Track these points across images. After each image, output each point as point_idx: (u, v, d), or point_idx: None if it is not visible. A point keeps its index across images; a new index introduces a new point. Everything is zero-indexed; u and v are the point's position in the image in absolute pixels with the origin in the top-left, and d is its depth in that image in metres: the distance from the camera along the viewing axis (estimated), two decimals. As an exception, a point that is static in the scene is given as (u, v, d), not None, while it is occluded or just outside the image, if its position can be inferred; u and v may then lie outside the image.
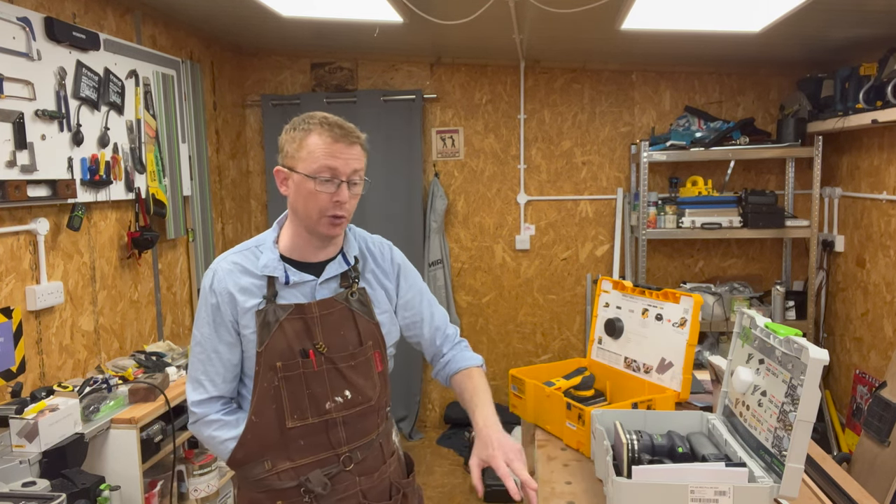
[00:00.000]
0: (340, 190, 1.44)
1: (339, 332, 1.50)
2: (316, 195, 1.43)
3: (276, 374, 1.46)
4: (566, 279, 4.33)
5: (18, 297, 2.35)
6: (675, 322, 1.96)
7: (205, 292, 1.52)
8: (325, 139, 1.43)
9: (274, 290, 1.49)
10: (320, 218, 1.45)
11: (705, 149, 3.75)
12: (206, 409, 1.53)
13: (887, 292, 3.29)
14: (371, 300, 1.57)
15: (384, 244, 1.68)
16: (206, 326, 1.52)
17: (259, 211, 4.44)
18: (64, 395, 2.21)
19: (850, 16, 2.88)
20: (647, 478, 1.37)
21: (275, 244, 1.54)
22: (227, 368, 1.52)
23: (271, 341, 1.46)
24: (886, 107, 2.99)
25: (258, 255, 1.52)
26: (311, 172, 1.42)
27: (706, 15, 2.87)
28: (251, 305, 1.48)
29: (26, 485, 1.88)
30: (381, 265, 1.63)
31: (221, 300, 1.49)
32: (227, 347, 1.51)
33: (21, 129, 2.29)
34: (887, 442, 2.60)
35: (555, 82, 4.20)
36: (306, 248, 1.53)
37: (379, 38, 3.53)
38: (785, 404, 1.34)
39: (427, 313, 1.68)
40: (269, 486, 1.50)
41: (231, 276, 1.50)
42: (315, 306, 1.49)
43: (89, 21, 2.73)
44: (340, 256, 1.56)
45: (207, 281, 1.52)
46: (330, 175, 1.43)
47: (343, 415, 1.51)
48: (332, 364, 1.49)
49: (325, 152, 1.42)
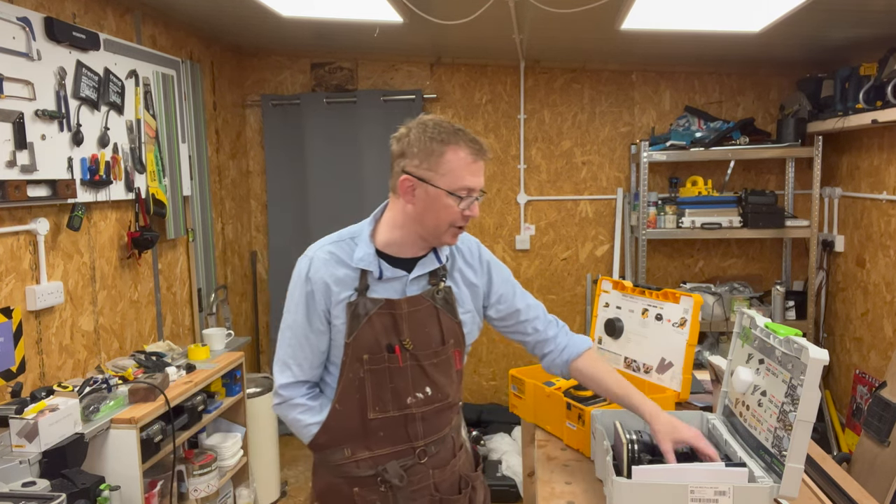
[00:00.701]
0: (474, 206, 1.49)
1: (424, 329, 1.53)
2: (451, 209, 1.47)
3: (361, 366, 1.50)
4: (566, 279, 4.33)
5: (18, 297, 2.35)
6: (675, 322, 1.96)
7: (300, 279, 1.54)
8: (466, 156, 1.46)
9: (366, 283, 1.51)
10: (449, 229, 1.49)
11: (705, 149, 3.75)
12: (292, 392, 1.56)
13: (887, 292, 3.29)
14: (455, 299, 1.59)
15: (472, 242, 1.69)
16: (299, 312, 1.54)
17: (259, 211, 4.44)
18: (64, 395, 2.21)
19: (850, 16, 2.88)
20: (647, 478, 1.37)
21: (370, 238, 1.55)
22: (315, 355, 1.55)
23: (360, 333, 1.49)
24: (886, 107, 2.99)
25: (353, 247, 1.54)
26: (454, 189, 1.45)
27: (706, 15, 2.87)
28: (344, 297, 1.51)
29: (26, 485, 1.87)
30: (470, 263, 1.64)
31: (316, 289, 1.52)
32: (317, 335, 1.53)
33: (21, 129, 2.29)
34: (887, 442, 2.60)
35: (555, 82, 4.20)
36: (409, 247, 1.55)
37: (379, 38, 3.53)
38: (785, 404, 1.34)
39: (522, 304, 1.69)
40: (348, 472, 1.54)
41: (327, 267, 1.52)
42: (404, 303, 1.52)
43: (89, 21, 2.72)
44: (432, 254, 1.58)
45: (304, 268, 1.54)
46: (468, 193, 1.47)
47: (422, 410, 1.54)
48: (416, 360, 1.52)
49: (468, 170, 1.46)
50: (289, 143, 4.25)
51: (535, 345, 1.72)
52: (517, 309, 1.68)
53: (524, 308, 1.69)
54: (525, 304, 1.70)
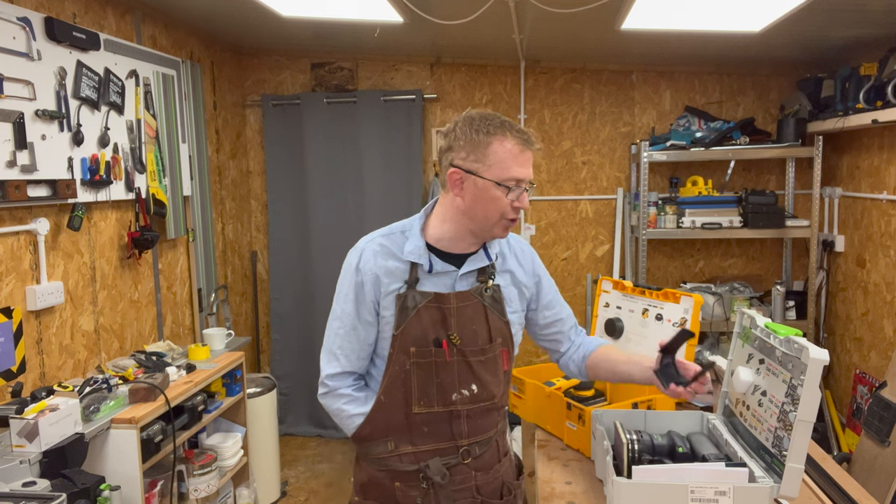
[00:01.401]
0: (523, 196, 1.48)
1: (472, 325, 1.52)
2: (499, 200, 1.46)
3: (408, 359, 1.50)
4: (566, 279, 4.33)
5: (18, 297, 2.35)
6: (676, 322, 1.96)
7: (349, 269, 1.55)
8: (514, 147, 1.45)
9: (416, 276, 1.51)
10: (499, 221, 1.49)
11: (705, 149, 3.75)
12: (338, 382, 1.57)
13: (887, 292, 3.29)
14: (504, 297, 1.58)
15: (523, 243, 1.70)
16: (348, 303, 1.55)
17: (259, 211, 4.44)
18: (64, 395, 2.21)
19: (850, 16, 2.88)
20: (648, 478, 1.37)
21: (422, 232, 1.56)
22: (363, 346, 1.55)
23: (407, 326, 1.49)
24: (886, 107, 2.98)
25: (403, 240, 1.55)
26: (502, 180, 1.44)
27: (706, 15, 2.87)
28: (394, 289, 1.51)
29: (26, 485, 1.87)
30: (522, 264, 1.65)
31: (367, 280, 1.52)
32: (365, 326, 1.54)
33: (21, 129, 2.29)
34: (887, 442, 2.60)
35: (555, 82, 4.20)
36: (459, 241, 1.55)
37: (379, 38, 3.53)
38: (785, 404, 1.34)
39: (565, 312, 1.72)
40: (390, 466, 1.54)
41: (378, 258, 1.53)
42: (453, 297, 1.51)
43: (89, 21, 2.73)
44: (482, 251, 1.57)
45: (354, 259, 1.55)
46: (516, 183, 1.46)
47: (468, 408, 1.53)
48: (463, 357, 1.52)
49: (515, 161, 1.45)
50: (289, 143, 4.25)
51: (566, 349, 1.74)
52: (561, 318, 1.71)
53: (566, 317, 1.72)
54: (567, 312, 1.73)
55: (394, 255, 1.53)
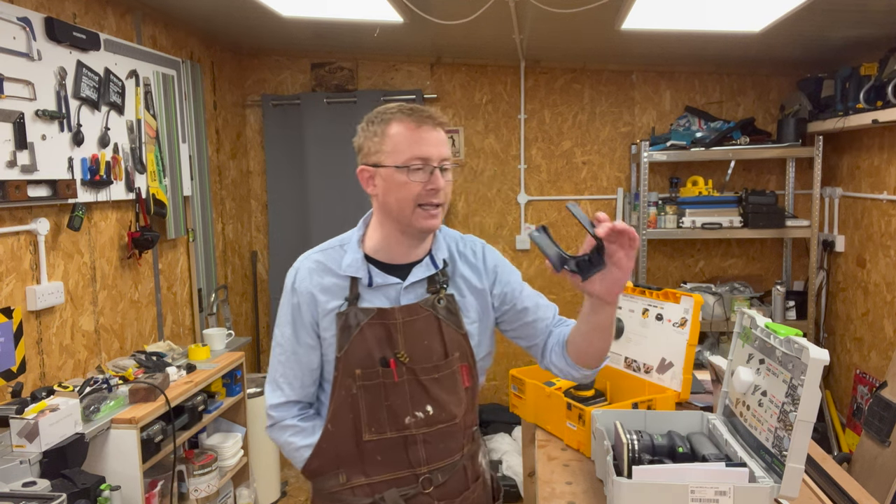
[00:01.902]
0: (434, 176, 1.36)
1: (423, 341, 1.41)
2: (408, 186, 1.35)
3: (354, 382, 1.39)
4: (567, 279, 4.32)
5: (19, 297, 2.35)
6: (676, 322, 1.96)
7: (287, 291, 1.47)
8: (407, 126, 1.36)
9: (356, 292, 1.41)
10: (415, 209, 1.36)
11: (706, 149, 3.75)
12: (283, 413, 1.47)
13: (888, 292, 3.29)
14: (460, 308, 1.46)
15: (476, 243, 1.56)
16: (286, 327, 1.46)
17: (259, 211, 4.44)
18: (64, 395, 2.21)
19: (850, 16, 2.88)
20: (648, 478, 1.37)
21: (360, 243, 1.46)
22: (306, 372, 1.46)
23: (351, 347, 1.39)
24: (887, 107, 2.98)
25: (341, 254, 1.45)
26: (402, 163, 1.35)
27: (706, 15, 2.87)
28: (332, 307, 1.42)
29: (26, 485, 1.87)
30: (475, 266, 1.51)
31: (302, 300, 1.43)
32: (307, 350, 1.45)
33: (21, 129, 2.29)
34: (888, 442, 2.60)
35: (555, 82, 4.20)
36: (395, 248, 1.44)
37: (379, 38, 3.53)
38: (785, 404, 1.34)
39: (531, 303, 1.53)
40: (343, 500, 1.44)
41: (313, 276, 1.44)
42: (398, 312, 1.41)
43: (89, 21, 2.73)
44: (428, 259, 1.46)
45: (290, 279, 1.47)
46: (421, 163, 1.35)
47: (424, 432, 1.42)
48: (414, 375, 1.40)
49: (412, 140, 1.35)
50: (289, 143, 4.25)
51: (543, 343, 1.54)
52: (525, 307, 1.51)
53: (532, 307, 1.52)
54: (534, 303, 1.53)
55: (331, 270, 1.44)
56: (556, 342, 1.50)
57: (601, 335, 1.42)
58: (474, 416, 1.53)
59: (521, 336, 1.55)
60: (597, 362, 1.47)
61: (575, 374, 1.49)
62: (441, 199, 1.38)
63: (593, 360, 1.46)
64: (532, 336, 1.53)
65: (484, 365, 1.53)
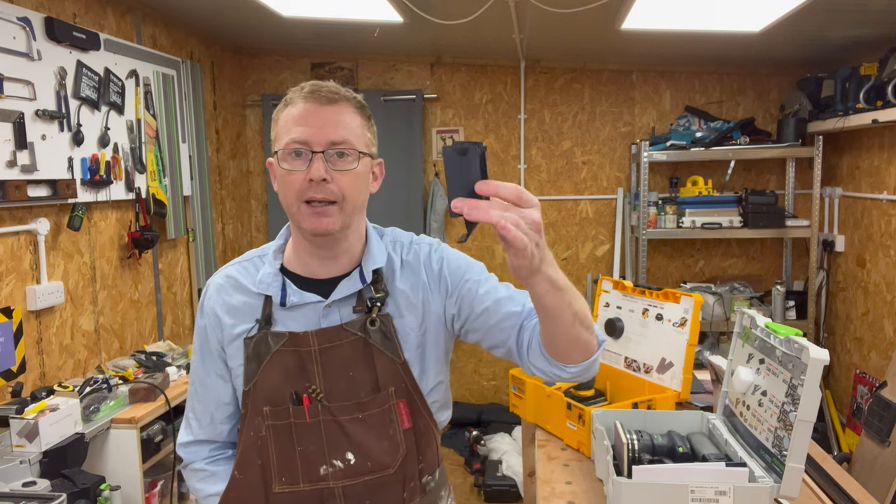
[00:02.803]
0: (312, 165, 1.09)
1: (347, 372, 1.17)
2: (286, 178, 1.12)
3: (263, 422, 1.17)
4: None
5: (19, 297, 2.35)
6: (676, 322, 1.96)
7: (197, 311, 1.28)
8: (298, 105, 1.14)
9: (269, 312, 1.19)
10: (300, 207, 1.11)
11: (705, 149, 3.75)
12: (192, 454, 1.28)
13: (888, 292, 3.29)
14: (397, 331, 1.19)
15: (423, 247, 1.27)
16: (195, 353, 1.28)
17: (259, 211, 4.44)
18: (64, 394, 2.21)
19: (851, 16, 2.88)
20: (648, 478, 1.37)
21: (278, 254, 1.25)
22: (217, 407, 1.25)
23: (259, 379, 1.17)
24: (887, 107, 2.98)
25: (259, 267, 1.24)
26: (280, 148, 1.13)
27: (706, 15, 2.87)
28: (240, 331, 1.20)
29: (27, 485, 1.88)
30: (421, 279, 1.23)
31: (209, 323, 1.23)
32: (216, 382, 1.24)
33: (21, 129, 2.29)
34: (888, 442, 2.60)
35: (555, 82, 4.20)
36: (308, 259, 1.21)
37: (379, 38, 3.53)
38: (785, 404, 1.34)
39: (491, 300, 1.20)
40: None
41: (221, 294, 1.23)
42: (312, 337, 1.16)
43: (89, 21, 2.73)
44: (357, 271, 1.20)
45: (201, 298, 1.27)
46: (298, 146, 1.10)
47: (343, 484, 1.17)
48: (331, 415, 1.16)
49: (296, 122, 1.12)
50: (289, 143, 4.25)
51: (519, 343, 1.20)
52: (485, 308, 1.20)
53: (493, 305, 1.19)
54: (494, 299, 1.20)
55: (242, 287, 1.22)
56: (531, 337, 1.17)
57: (557, 322, 1.06)
58: (428, 464, 1.25)
59: (492, 344, 1.22)
60: (579, 354, 1.12)
61: (562, 374, 1.15)
62: (328, 193, 1.10)
63: (571, 351, 1.11)
64: (503, 340, 1.20)
65: (438, 398, 1.26)
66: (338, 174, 1.11)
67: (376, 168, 1.22)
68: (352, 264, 1.21)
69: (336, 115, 1.13)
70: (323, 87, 1.14)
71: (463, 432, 4.21)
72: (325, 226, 1.11)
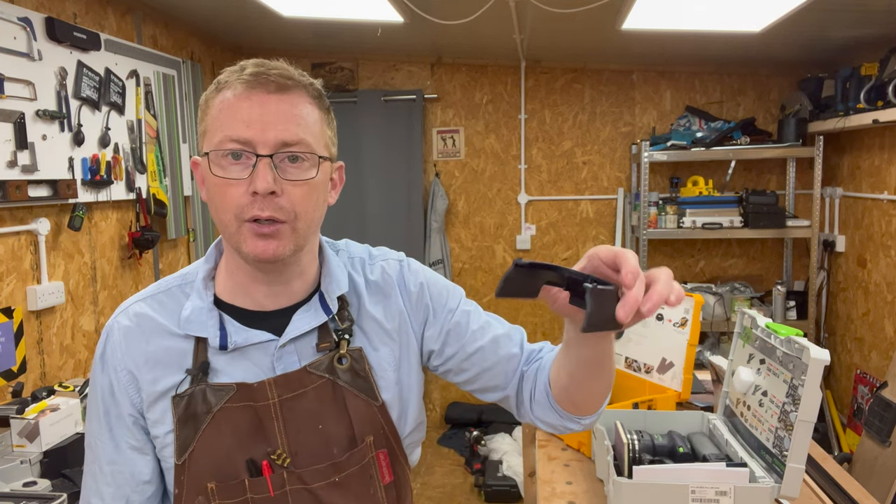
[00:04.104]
0: (257, 173, 0.84)
1: (316, 425, 0.93)
2: (222, 189, 0.86)
3: (207, 502, 0.91)
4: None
5: (19, 297, 2.35)
6: (676, 322, 1.96)
7: (95, 365, 0.97)
8: (235, 92, 0.89)
9: (204, 359, 0.93)
10: (239, 227, 0.87)
11: (706, 149, 3.75)
12: None
13: (888, 292, 3.29)
14: (372, 367, 0.98)
15: (389, 262, 1.05)
16: (97, 422, 0.96)
17: (260, 211, 4.44)
18: (65, 395, 2.21)
19: (851, 16, 2.88)
20: (648, 478, 1.37)
21: (208, 282, 0.97)
22: (136, 487, 0.95)
23: (199, 447, 0.91)
24: (887, 107, 2.98)
25: (182, 300, 0.96)
26: (213, 147, 0.87)
27: (706, 15, 2.87)
28: (165, 387, 0.93)
29: (27, 485, 1.88)
30: (391, 301, 1.02)
31: (116, 380, 0.94)
32: (132, 456, 0.95)
33: (22, 129, 2.29)
34: (888, 442, 2.60)
35: (555, 82, 4.20)
36: (252, 286, 0.95)
37: (379, 38, 3.53)
38: (786, 404, 1.34)
39: (485, 339, 1.03)
40: None
41: (131, 340, 0.94)
42: (271, 387, 0.92)
43: (90, 21, 2.73)
44: (317, 299, 0.97)
45: (100, 346, 0.96)
46: (238, 147, 0.86)
47: None
48: (301, 483, 0.92)
49: (231, 111, 0.87)
50: (289, 143, 4.25)
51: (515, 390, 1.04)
52: (478, 348, 1.02)
53: (488, 345, 1.02)
54: (489, 337, 1.03)
55: (162, 329, 0.94)
56: (537, 388, 1.01)
57: (597, 372, 0.93)
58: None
59: (484, 387, 1.05)
60: (597, 403, 1.00)
61: (574, 427, 1.01)
62: (276, 210, 0.86)
63: (591, 401, 0.98)
64: (497, 386, 1.03)
65: (414, 439, 1.05)
66: (290, 185, 0.86)
67: (335, 174, 0.97)
68: (306, 290, 0.97)
69: (289, 106, 0.87)
70: (271, 68, 0.90)
71: (463, 432, 4.21)
72: (272, 251, 0.87)
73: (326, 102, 0.94)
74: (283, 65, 0.91)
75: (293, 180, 0.87)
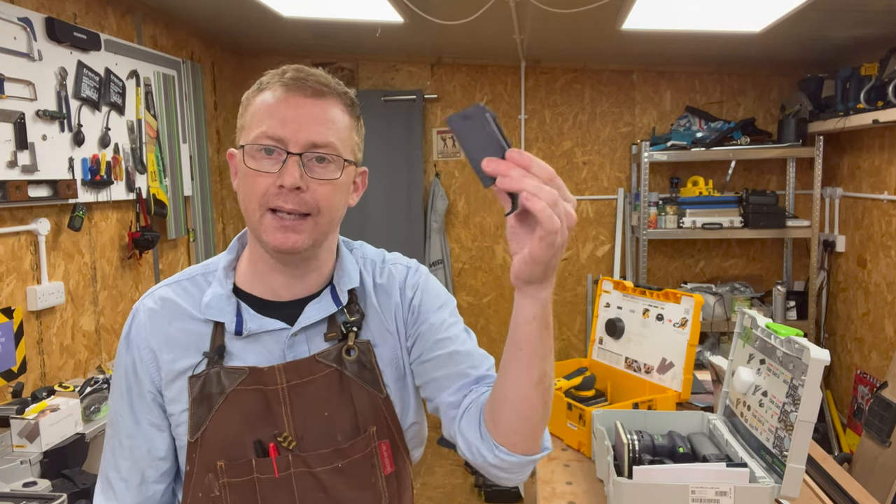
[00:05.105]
0: (285, 168, 0.91)
1: (322, 412, 0.98)
2: (253, 179, 0.93)
3: (216, 480, 0.96)
4: (567, 279, 4.32)
5: (19, 298, 2.35)
6: (676, 322, 1.96)
7: (120, 344, 1.04)
8: (275, 93, 0.95)
9: (220, 343, 0.98)
10: (262, 216, 0.93)
11: (706, 149, 3.75)
12: None
13: (888, 292, 3.29)
14: (377, 361, 1.02)
15: (398, 267, 1.09)
16: (119, 398, 1.02)
17: (260, 211, 4.45)
18: (65, 395, 2.21)
19: (851, 16, 2.88)
20: (648, 478, 1.37)
21: (229, 271, 1.03)
22: (148, 464, 1.01)
23: (211, 426, 0.96)
24: (887, 107, 2.98)
25: (205, 287, 1.02)
26: (249, 142, 0.94)
27: (706, 15, 2.87)
28: (183, 367, 0.98)
29: (27, 485, 1.88)
30: (393, 304, 1.06)
31: (139, 358, 1.00)
32: (147, 432, 1.01)
33: (22, 129, 2.29)
34: (888, 442, 2.60)
35: (555, 82, 4.20)
36: (270, 277, 1.01)
37: (379, 39, 3.53)
38: (786, 404, 1.34)
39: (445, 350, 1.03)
40: None
41: (156, 321, 1.00)
42: (281, 372, 0.97)
43: (90, 21, 2.73)
44: (328, 291, 1.02)
45: (126, 326, 1.03)
46: (271, 143, 0.92)
47: None
48: (306, 467, 0.96)
49: (268, 111, 0.94)
50: (289, 143, 4.25)
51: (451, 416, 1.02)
52: (433, 357, 1.03)
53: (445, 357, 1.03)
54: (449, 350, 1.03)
55: (184, 313, 1.00)
56: (472, 403, 1.01)
57: (520, 367, 0.89)
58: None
59: (427, 396, 1.07)
60: (522, 440, 0.93)
61: (487, 457, 0.95)
62: (299, 204, 0.92)
63: (517, 428, 0.93)
64: (435, 396, 1.04)
65: (415, 436, 1.08)
66: (315, 183, 0.93)
67: (359, 178, 1.05)
68: (321, 283, 1.03)
69: (322, 111, 0.95)
70: (310, 74, 0.96)
71: (463, 432, 4.22)
72: (291, 243, 0.92)
73: (358, 111, 1.03)
74: (321, 72, 0.99)
75: (318, 179, 0.93)
